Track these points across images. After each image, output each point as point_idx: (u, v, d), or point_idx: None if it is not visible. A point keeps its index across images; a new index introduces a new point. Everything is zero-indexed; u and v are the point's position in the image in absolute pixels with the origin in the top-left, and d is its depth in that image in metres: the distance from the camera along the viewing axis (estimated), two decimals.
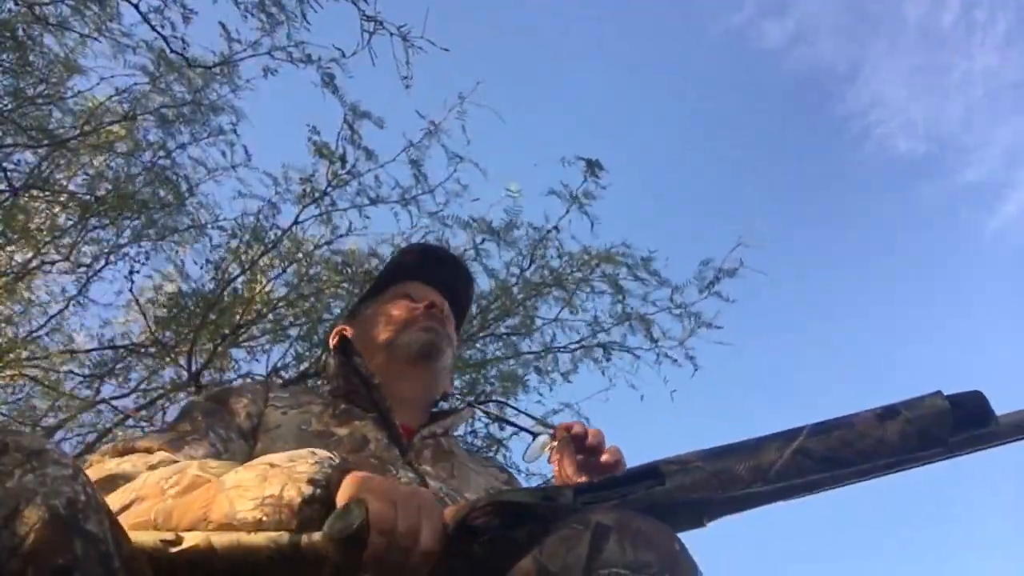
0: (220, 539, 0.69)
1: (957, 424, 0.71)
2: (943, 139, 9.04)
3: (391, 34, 4.03)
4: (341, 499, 0.70)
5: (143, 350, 5.45)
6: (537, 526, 0.66)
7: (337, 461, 0.77)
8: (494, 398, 4.96)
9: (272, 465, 0.75)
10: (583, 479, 1.02)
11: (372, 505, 0.67)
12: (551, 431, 1.13)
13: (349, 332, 1.28)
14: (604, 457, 1.04)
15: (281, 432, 1.05)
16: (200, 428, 1.02)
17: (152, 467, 0.87)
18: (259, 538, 0.69)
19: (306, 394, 1.19)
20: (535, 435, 1.17)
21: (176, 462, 0.88)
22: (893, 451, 0.71)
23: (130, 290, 5.23)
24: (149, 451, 0.94)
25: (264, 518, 0.70)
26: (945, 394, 0.72)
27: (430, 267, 1.34)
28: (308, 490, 0.71)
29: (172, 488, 0.78)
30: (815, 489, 0.72)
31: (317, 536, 0.67)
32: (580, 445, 1.05)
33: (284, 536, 0.68)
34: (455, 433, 1.26)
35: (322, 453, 0.78)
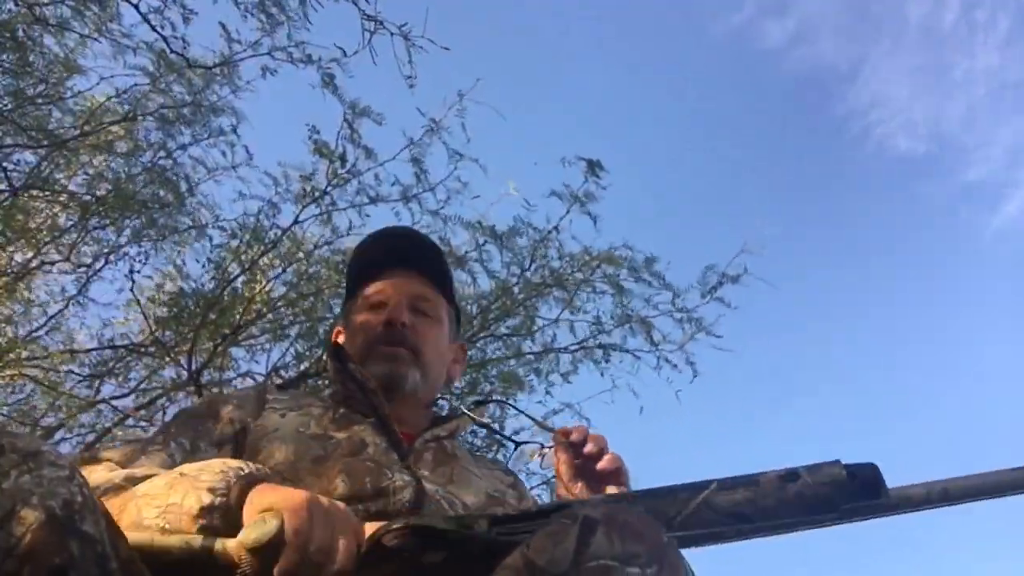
0: (133, 536, 0.70)
1: (851, 493, 0.76)
2: (944, 139, 9.05)
3: (391, 34, 4.03)
4: (254, 509, 0.72)
5: (143, 350, 5.46)
6: (452, 553, 0.67)
7: (246, 471, 0.78)
8: (494, 397, 4.96)
9: (182, 475, 0.78)
10: (579, 485, 1.01)
11: (289, 518, 0.68)
12: (550, 435, 1.12)
13: (343, 337, 1.26)
14: (601, 464, 1.01)
15: (279, 435, 1.05)
16: (167, 439, 1.03)
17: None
18: (173, 539, 0.70)
19: (307, 396, 1.18)
20: (517, 444, 1.17)
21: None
22: (791, 511, 0.76)
23: (130, 290, 5.24)
24: (108, 462, 0.95)
25: (166, 525, 0.73)
26: (844, 463, 0.77)
27: (390, 254, 1.25)
28: (207, 499, 0.74)
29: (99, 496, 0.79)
30: (719, 540, 0.77)
31: (231, 543, 0.69)
32: (578, 451, 1.03)
33: (197, 540, 0.70)
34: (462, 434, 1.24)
35: (233, 463, 0.80)
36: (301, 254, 5.35)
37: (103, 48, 4.71)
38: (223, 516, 0.73)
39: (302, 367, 5.24)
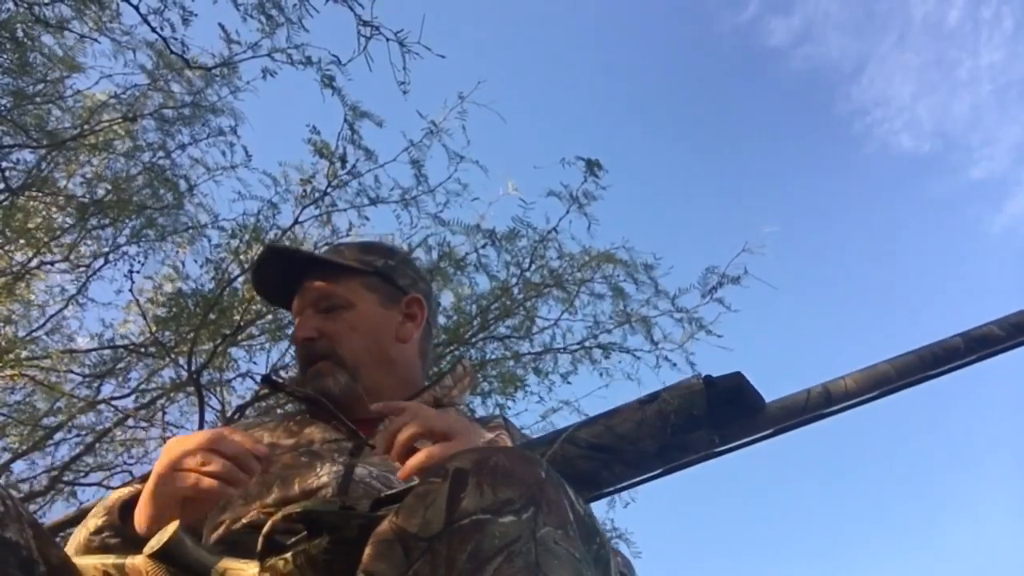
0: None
1: (714, 403, 0.71)
2: (948, 137, 9.03)
3: (387, 40, 4.02)
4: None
5: (143, 350, 5.45)
6: (333, 537, 0.66)
7: (124, 492, 0.92)
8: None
9: (90, 516, 0.93)
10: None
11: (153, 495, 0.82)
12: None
13: None
14: (401, 473, 0.87)
15: None
16: None
17: None
18: (89, 560, 0.79)
19: (271, 414, 1.18)
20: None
21: None
22: (655, 435, 0.72)
23: (130, 290, 5.24)
24: None
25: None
26: (705, 375, 0.73)
27: (273, 280, 1.22)
28: (93, 523, 0.89)
29: None
30: (597, 487, 0.74)
31: (139, 559, 0.75)
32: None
33: (110, 558, 0.78)
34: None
35: (115, 493, 0.94)
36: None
37: (103, 47, 4.72)
38: (114, 533, 0.87)
39: None
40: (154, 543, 0.72)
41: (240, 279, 5.25)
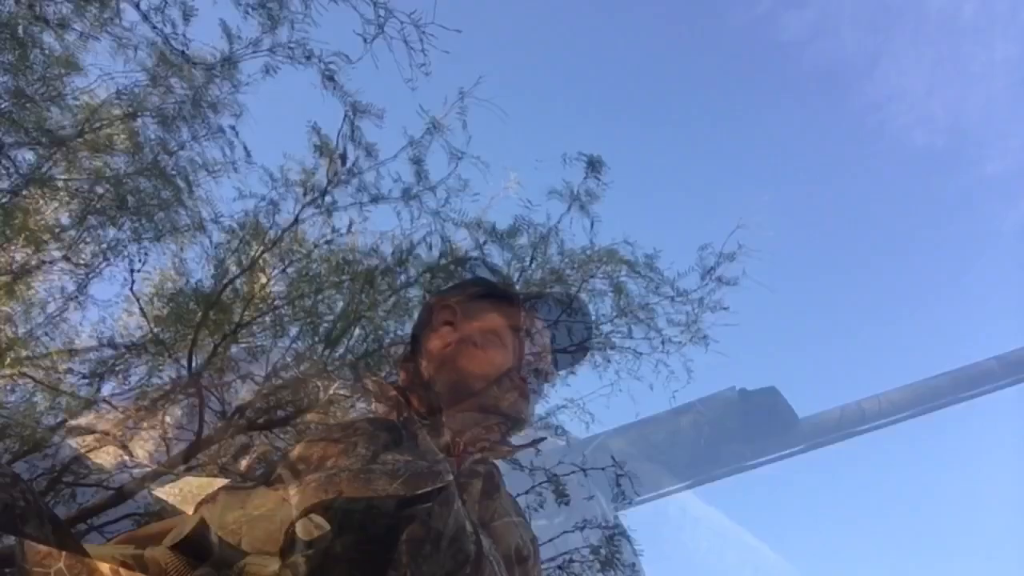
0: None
1: (747, 415, 0.70)
2: (962, 132, 9.03)
3: (402, 24, 4.01)
4: None
5: (143, 349, 5.44)
6: (359, 535, 0.66)
7: None
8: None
9: None
10: None
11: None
12: None
13: None
14: None
15: None
16: None
17: None
18: (106, 550, 0.79)
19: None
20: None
21: None
22: (687, 441, 0.71)
23: (130, 288, 5.23)
24: None
25: None
26: (740, 388, 0.71)
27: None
28: None
29: None
30: (622, 493, 0.73)
31: (158, 550, 0.77)
32: None
33: (128, 549, 0.79)
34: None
35: None
36: (301, 252, 5.34)
37: (103, 46, 4.72)
38: None
39: (301, 368, 5.22)
40: (175, 534, 0.72)
41: (240, 278, 5.24)
